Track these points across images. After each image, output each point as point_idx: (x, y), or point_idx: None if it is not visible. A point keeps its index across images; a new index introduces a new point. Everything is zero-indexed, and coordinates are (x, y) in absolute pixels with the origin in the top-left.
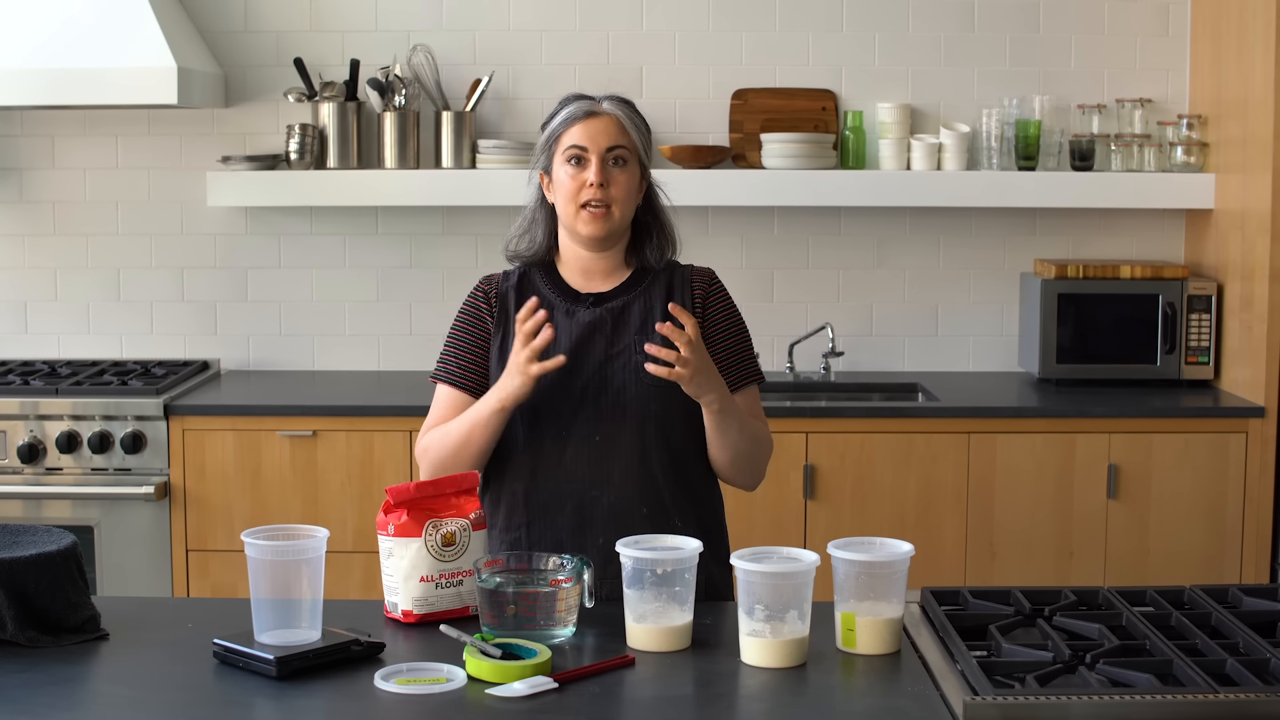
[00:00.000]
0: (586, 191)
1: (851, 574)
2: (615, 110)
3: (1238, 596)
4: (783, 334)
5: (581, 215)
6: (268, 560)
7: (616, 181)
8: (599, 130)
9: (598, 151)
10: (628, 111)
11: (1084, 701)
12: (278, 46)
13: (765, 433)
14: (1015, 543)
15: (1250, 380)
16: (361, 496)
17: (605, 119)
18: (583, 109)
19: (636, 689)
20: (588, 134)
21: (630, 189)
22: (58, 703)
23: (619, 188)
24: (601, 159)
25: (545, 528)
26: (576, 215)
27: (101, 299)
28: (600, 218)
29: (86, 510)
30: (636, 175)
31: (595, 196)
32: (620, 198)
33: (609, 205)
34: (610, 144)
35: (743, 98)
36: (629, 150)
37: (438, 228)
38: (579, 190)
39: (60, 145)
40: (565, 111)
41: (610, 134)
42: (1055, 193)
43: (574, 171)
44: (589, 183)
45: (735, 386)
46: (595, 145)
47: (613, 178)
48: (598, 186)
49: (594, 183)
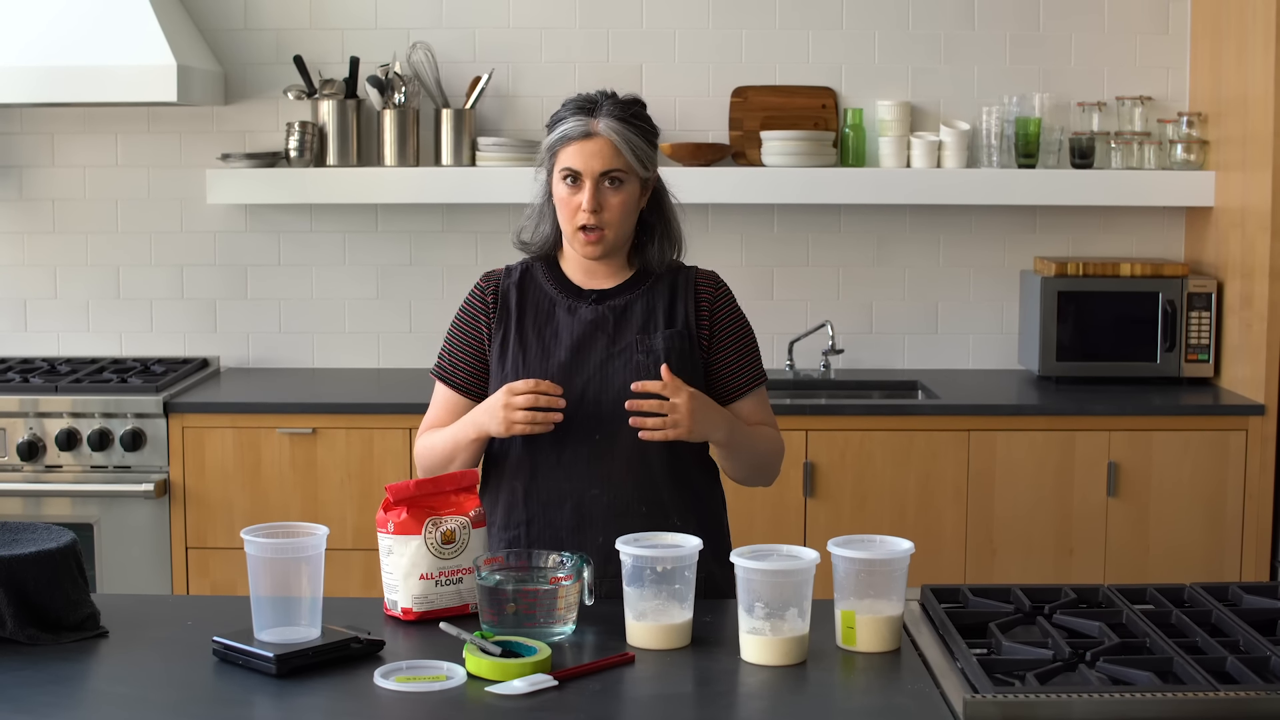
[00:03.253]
0: (580, 216)
1: (851, 572)
2: (611, 132)
3: (1238, 594)
4: (782, 332)
5: (578, 237)
6: (267, 558)
7: (610, 205)
8: (593, 154)
9: (591, 176)
10: (625, 129)
11: (1084, 700)
12: (277, 44)
13: (776, 437)
14: (1015, 540)
15: (1250, 378)
16: (361, 494)
17: (599, 141)
18: (578, 129)
19: (636, 687)
20: (581, 158)
21: (626, 209)
22: (57, 700)
23: (612, 211)
24: (595, 183)
25: (544, 526)
26: (574, 236)
27: (101, 296)
28: (594, 241)
29: (86, 508)
30: (634, 192)
31: (588, 222)
32: (614, 221)
33: (603, 229)
34: (604, 169)
35: (743, 95)
36: (624, 172)
37: (437, 225)
38: (574, 212)
39: (60, 143)
40: (563, 127)
41: (604, 158)
42: (1055, 190)
43: (569, 192)
44: (582, 207)
45: (743, 391)
46: (589, 169)
47: (606, 201)
48: (590, 212)
49: (586, 209)
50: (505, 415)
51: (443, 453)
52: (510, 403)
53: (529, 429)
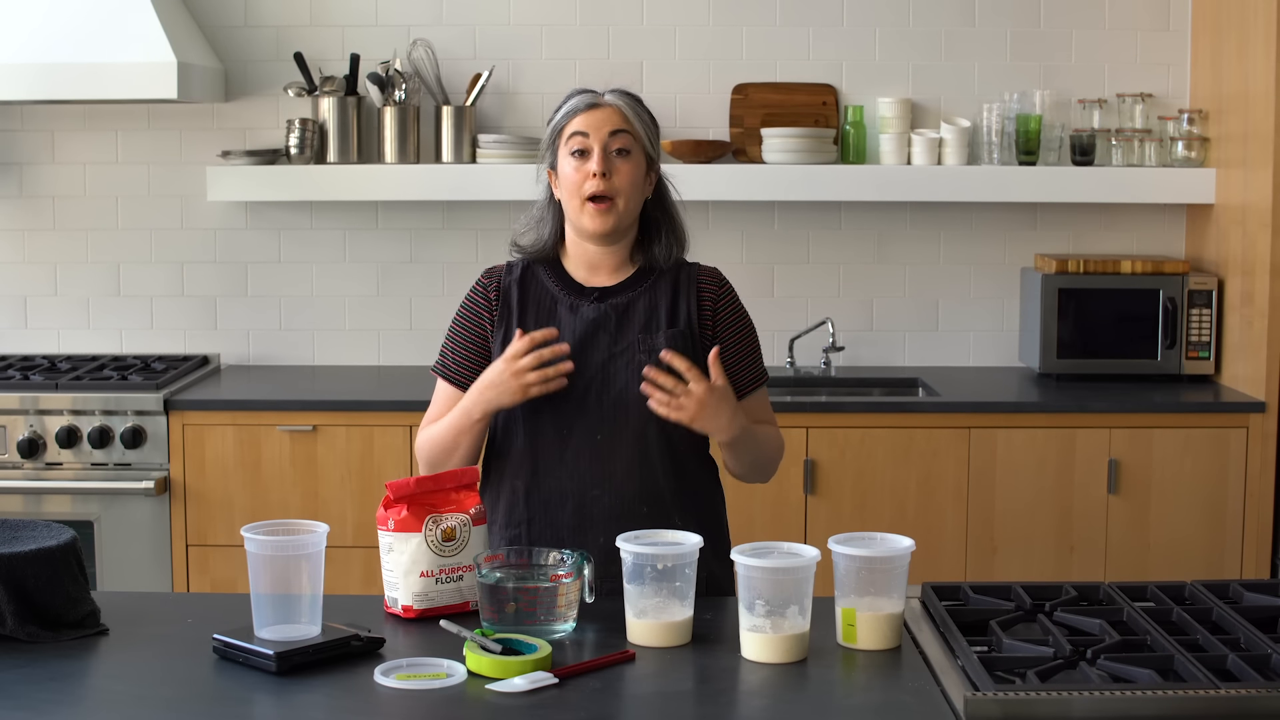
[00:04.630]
0: (590, 183)
1: (852, 569)
2: (618, 101)
3: (1239, 592)
4: (783, 329)
5: (587, 209)
6: (268, 555)
7: (620, 171)
8: (602, 119)
9: (600, 140)
10: (631, 103)
11: (1085, 697)
12: (278, 41)
13: (777, 436)
14: (1016, 538)
15: (1251, 375)
16: (361, 491)
17: (608, 109)
18: (585, 101)
19: (637, 684)
20: (591, 122)
21: (635, 180)
22: (57, 698)
23: (622, 178)
24: (604, 148)
25: (546, 526)
26: (581, 209)
27: (101, 294)
28: (605, 211)
29: (86, 505)
30: (642, 167)
31: (599, 189)
32: (624, 189)
33: (613, 197)
34: (613, 128)
35: (743, 92)
36: (632, 138)
37: (438, 223)
38: (583, 182)
39: (60, 140)
40: (569, 104)
41: (613, 121)
42: (1056, 188)
43: (577, 163)
44: (592, 173)
45: (745, 391)
46: (598, 133)
47: (616, 168)
48: (600, 177)
49: (596, 173)
50: (516, 382)
51: (446, 441)
52: (518, 368)
53: (544, 388)
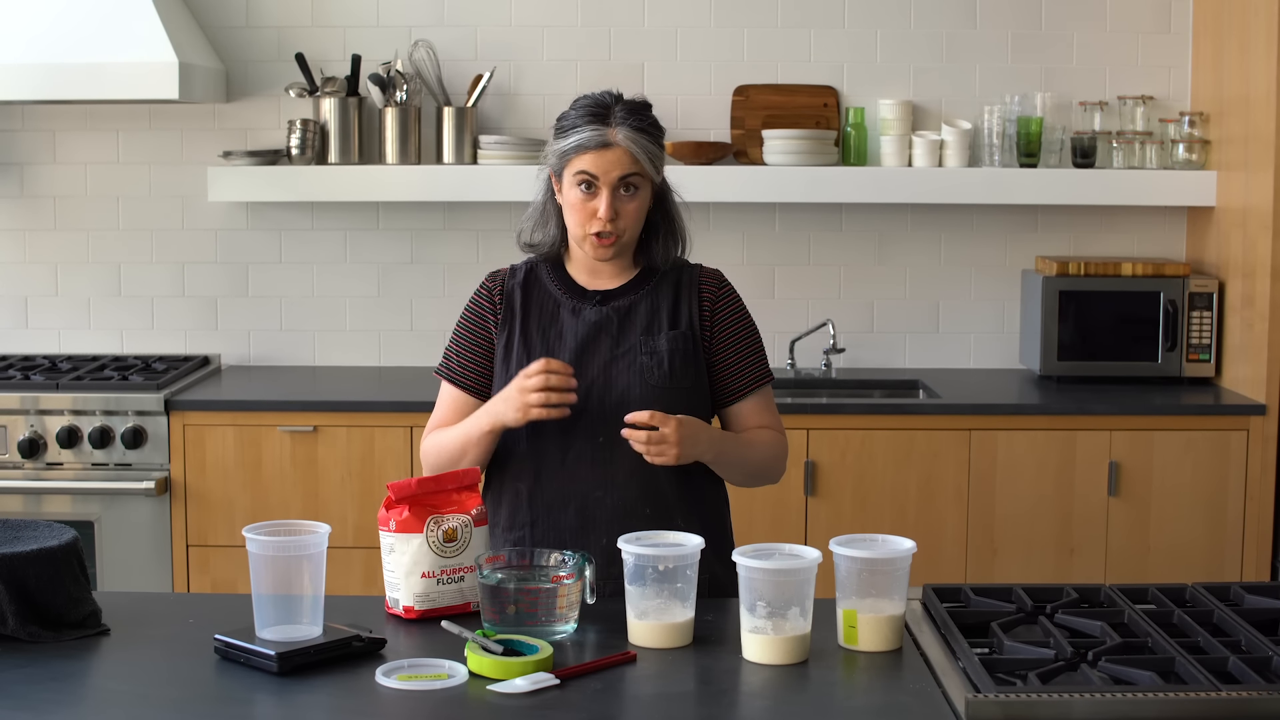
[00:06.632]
0: (595, 223)
1: (853, 571)
2: (628, 142)
3: (1239, 594)
4: (784, 330)
5: (589, 241)
6: (269, 556)
7: (625, 212)
8: (612, 163)
9: (609, 183)
10: (640, 139)
11: (1086, 699)
12: (279, 42)
13: (777, 439)
14: (1016, 540)
15: (1251, 378)
16: (362, 492)
17: (618, 152)
18: (596, 139)
19: (638, 685)
20: (600, 166)
21: (639, 213)
22: (58, 698)
23: (627, 218)
24: (612, 190)
25: (549, 528)
26: (585, 239)
27: (102, 294)
28: (608, 245)
29: (87, 505)
30: (648, 197)
31: (604, 229)
32: (629, 226)
33: (617, 235)
34: (622, 173)
35: (744, 94)
36: (640, 177)
37: (439, 223)
38: (589, 218)
39: (61, 140)
40: (578, 137)
41: (622, 165)
42: (1057, 190)
43: (584, 197)
44: (598, 214)
45: (746, 392)
46: (607, 177)
47: (622, 209)
48: (607, 220)
49: (604, 216)
50: (520, 400)
51: (453, 450)
52: (524, 386)
53: (545, 413)
